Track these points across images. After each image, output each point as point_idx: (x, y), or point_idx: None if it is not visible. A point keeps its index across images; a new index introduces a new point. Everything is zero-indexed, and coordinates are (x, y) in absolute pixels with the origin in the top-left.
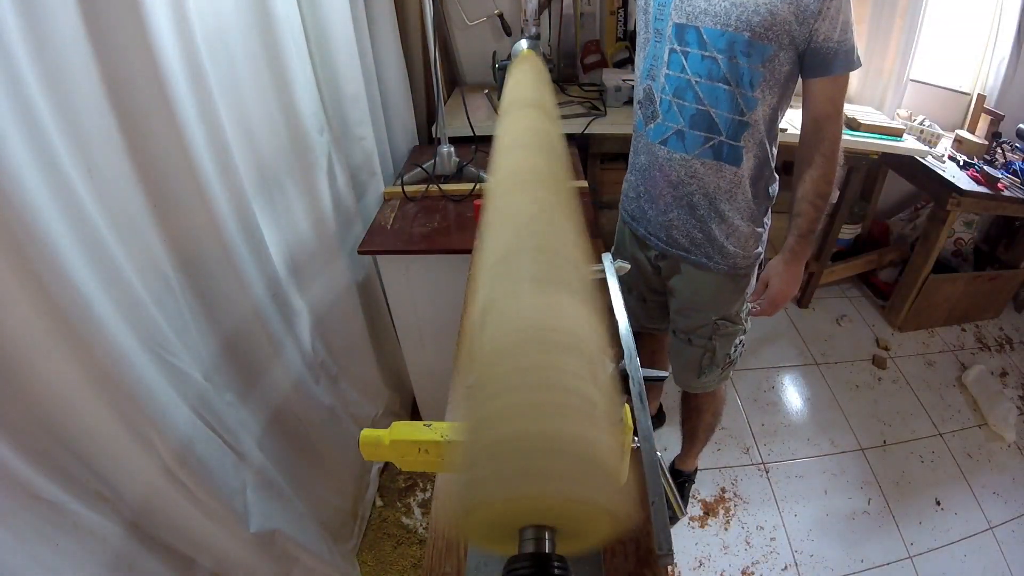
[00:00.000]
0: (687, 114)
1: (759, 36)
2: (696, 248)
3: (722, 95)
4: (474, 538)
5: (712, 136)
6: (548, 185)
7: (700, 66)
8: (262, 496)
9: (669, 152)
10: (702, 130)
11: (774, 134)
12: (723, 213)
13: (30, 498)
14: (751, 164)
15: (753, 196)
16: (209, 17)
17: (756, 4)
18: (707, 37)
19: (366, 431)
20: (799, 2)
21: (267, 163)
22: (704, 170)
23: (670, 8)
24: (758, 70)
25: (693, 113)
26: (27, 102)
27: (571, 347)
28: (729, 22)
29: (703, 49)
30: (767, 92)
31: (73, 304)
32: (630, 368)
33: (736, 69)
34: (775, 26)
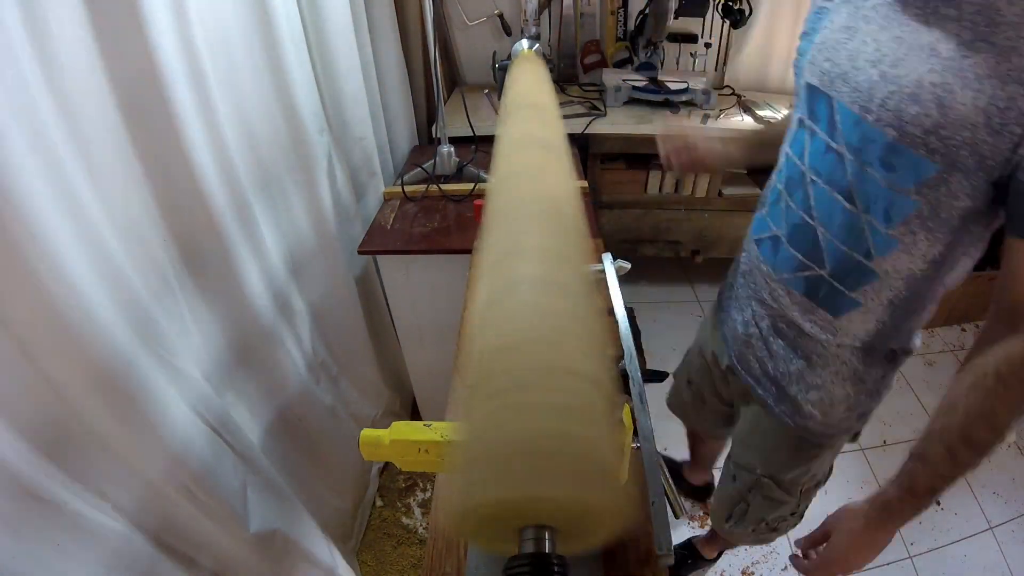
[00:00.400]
0: (790, 220)
1: (912, 141)
2: (764, 383)
3: (838, 214)
4: (474, 538)
5: (810, 265)
6: (550, 185)
7: (821, 159)
8: (262, 496)
9: (759, 257)
10: (800, 250)
11: (932, 297)
12: (806, 365)
13: (30, 497)
14: (867, 327)
15: (864, 362)
16: (209, 17)
17: (918, 83)
18: (839, 117)
19: (366, 431)
20: (998, 94)
21: (267, 163)
22: (790, 303)
23: (806, 58)
24: (906, 196)
25: (797, 221)
26: (29, 102)
27: (571, 348)
28: (870, 104)
29: (831, 134)
30: (921, 236)
31: (72, 303)
32: (630, 368)
33: (866, 183)
34: (946, 128)
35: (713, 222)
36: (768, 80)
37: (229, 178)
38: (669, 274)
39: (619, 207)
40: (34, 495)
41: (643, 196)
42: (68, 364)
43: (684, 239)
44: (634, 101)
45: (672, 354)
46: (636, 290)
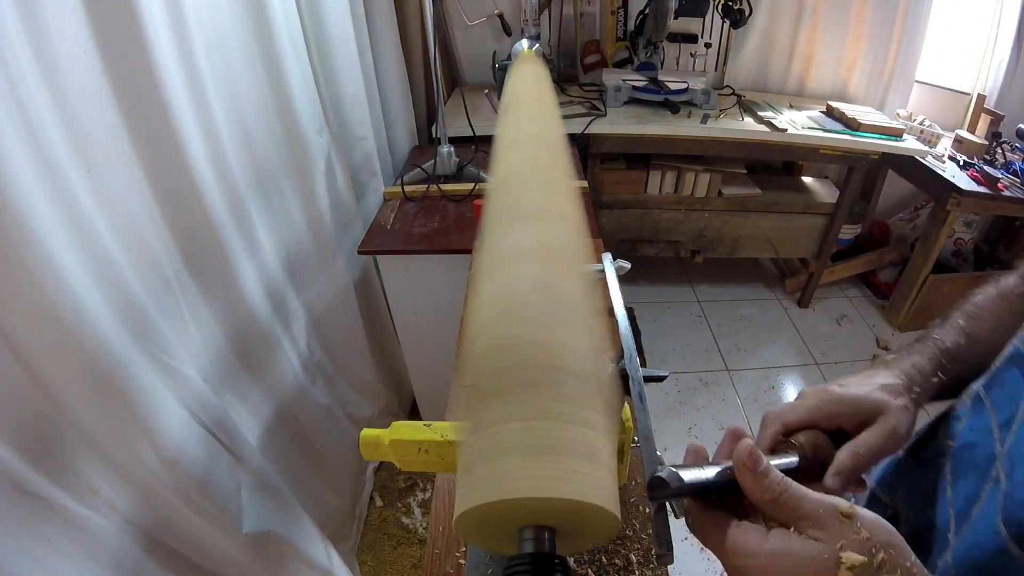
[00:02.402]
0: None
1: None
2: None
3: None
4: (474, 538)
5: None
6: (550, 184)
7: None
8: (258, 497)
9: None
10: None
11: None
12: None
13: (19, 492)
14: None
15: None
16: (206, 17)
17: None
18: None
19: (366, 431)
20: None
21: (264, 163)
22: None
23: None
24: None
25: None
26: (26, 102)
27: (571, 347)
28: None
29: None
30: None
31: (66, 303)
32: (630, 368)
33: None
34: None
35: (713, 222)
36: (768, 80)
37: (225, 178)
38: (669, 274)
39: (619, 207)
40: (24, 491)
41: (643, 196)
42: (60, 363)
43: (684, 239)
44: (634, 101)
45: (672, 354)
46: (636, 290)
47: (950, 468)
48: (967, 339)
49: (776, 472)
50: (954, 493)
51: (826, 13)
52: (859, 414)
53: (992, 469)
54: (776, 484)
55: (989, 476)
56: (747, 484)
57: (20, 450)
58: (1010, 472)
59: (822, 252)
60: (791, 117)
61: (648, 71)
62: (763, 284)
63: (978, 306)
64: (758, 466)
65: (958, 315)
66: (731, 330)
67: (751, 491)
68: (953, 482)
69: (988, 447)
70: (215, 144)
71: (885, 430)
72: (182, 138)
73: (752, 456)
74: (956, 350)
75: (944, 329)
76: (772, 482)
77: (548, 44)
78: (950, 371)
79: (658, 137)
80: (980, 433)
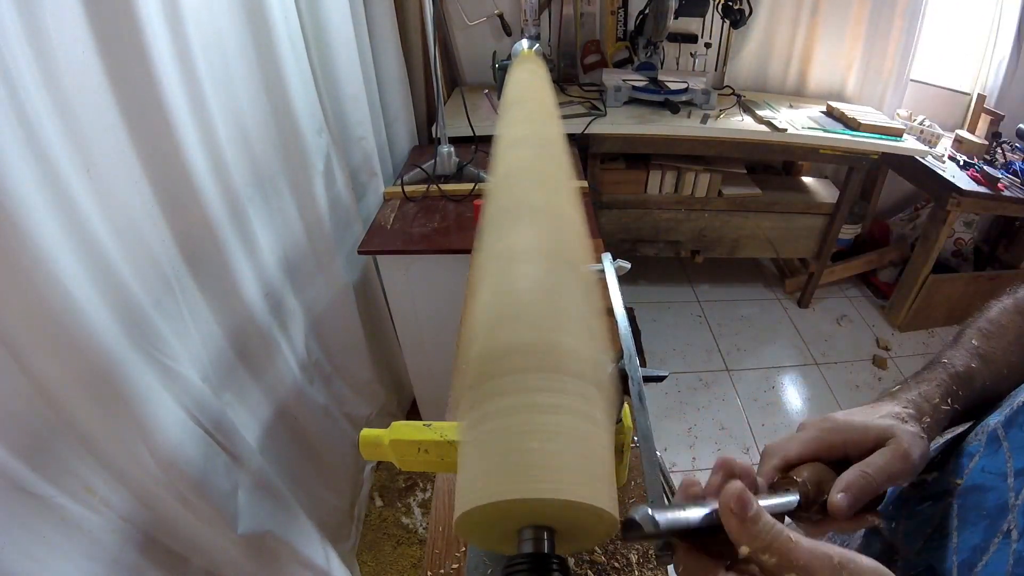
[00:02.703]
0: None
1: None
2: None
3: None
4: (474, 538)
5: None
6: (550, 184)
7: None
8: (255, 498)
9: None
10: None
11: None
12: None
13: (15, 490)
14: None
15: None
16: (204, 17)
17: None
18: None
19: (366, 431)
20: None
21: (262, 164)
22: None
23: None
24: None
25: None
26: (24, 102)
27: (571, 347)
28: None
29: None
30: None
31: (62, 303)
32: (630, 368)
33: None
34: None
35: (713, 222)
36: (768, 80)
37: (223, 178)
38: (669, 274)
39: (619, 207)
40: (21, 489)
41: (643, 196)
42: (57, 363)
43: (684, 239)
44: (634, 101)
45: (672, 354)
46: (636, 290)
47: (956, 511)
48: (980, 360)
49: (767, 517)
50: (960, 540)
51: (826, 13)
52: (865, 441)
53: (1004, 521)
54: (765, 532)
55: (1000, 528)
56: (734, 530)
57: (16, 448)
58: (1023, 531)
59: (822, 252)
60: (791, 117)
61: (648, 71)
62: (763, 284)
63: (992, 322)
64: (747, 511)
65: (970, 334)
66: (731, 330)
67: (738, 538)
68: (959, 528)
69: (1001, 494)
70: (213, 144)
71: (896, 452)
72: (180, 138)
73: (740, 501)
74: (968, 373)
75: (955, 350)
76: (761, 529)
77: (548, 44)
78: (962, 397)
79: (658, 137)
80: (993, 477)
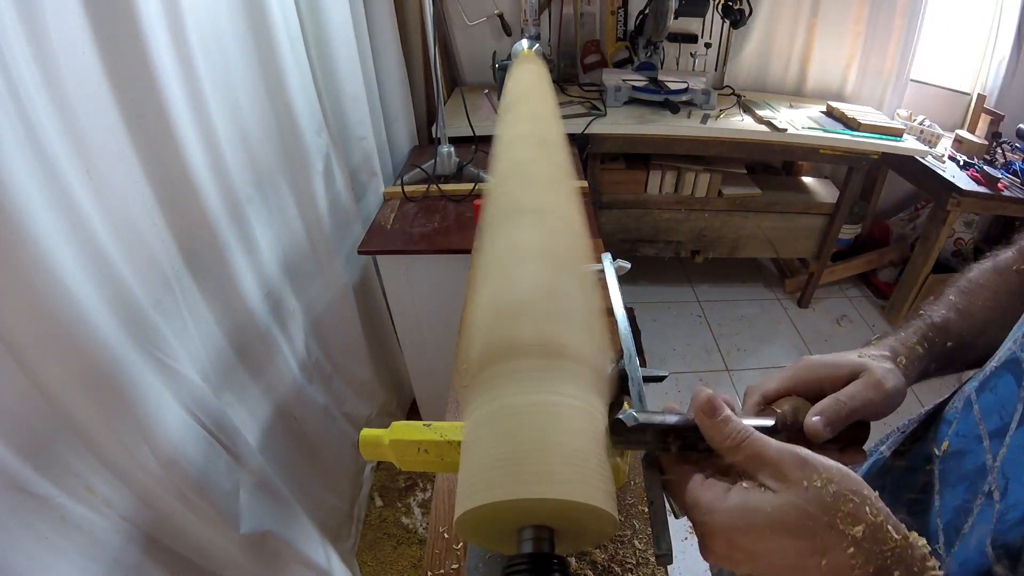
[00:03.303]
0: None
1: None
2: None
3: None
4: (474, 538)
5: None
6: (550, 184)
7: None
8: (256, 497)
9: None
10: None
11: None
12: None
13: (15, 490)
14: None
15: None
16: (203, 18)
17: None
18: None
19: (366, 431)
20: None
21: (261, 164)
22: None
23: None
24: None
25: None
26: (24, 101)
27: (571, 347)
28: None
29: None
30: None
31: (63, 303)
32: (630, 368)
33: None
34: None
35: (713, 222)
36: (768, 80)
37: (222, 178)
38: (669, 274)
39: (619, 207)
40: (21, 489)
41: (643, 196)
42: (57, 363)
43: (684, 239)
44: (634, 101)
45: (672, 354)
46: (636, 290)
47: (937, 475)
48: (958, 313)
49: (737, 420)
50: (942, 503)
51: (826, 13)
52: (839, 375)
53: (984, 483)
54: (737, 432)
55: (981, 489)
56: (707, 431)
57: (17, 448)
58: (1004, 490)
59: (822, 252)
60: (791, 117)
61: (648, 71)
62: (763, 284)
63: (972, 281)
64: (717, 413)
65: (950, 290)
66: (731, 330)
67: (711, 438)
68: (941, 491)
69: (978, 456)
70: (212, 144)
71: (868, 382)
72: (180, 138)
73: (710, 403)
74: (944, 323)
75: (934, 306)
76: (732, 429)
77: (548, 44)
78: (938, 344)
79: (658, 137)
80: (968, 440)
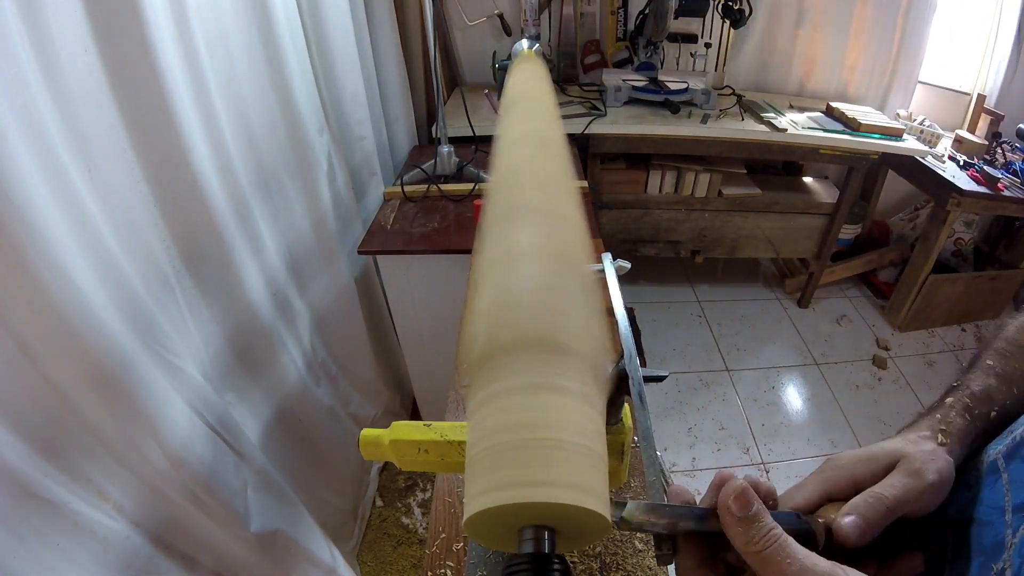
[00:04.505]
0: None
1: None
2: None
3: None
4: (481, 539)
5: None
6: (550, 184)
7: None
8: (263, 496)
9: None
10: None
11: None
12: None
13: (29, 497)
14: None
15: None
16: (209, 16)
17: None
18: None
19: (366, 431)
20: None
21: (266, 163)
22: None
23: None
24: None
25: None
26: (28, 101)
27: (572, 346)
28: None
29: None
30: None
31: (72, 302)
32: (630, 368)
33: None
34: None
35: (713, 222)
36: (768, 80)
37: (228, 177)
38: (669, 274)
39: (619, 207)
40: (33, 494)
41: (643, 196)
42: (67, 363)
43: (684, 239)
44: (634, 101)
45: (672, 354)
46: (636, 290)
47: (952, 545)
48: (998, 379)
49: (768, 520)
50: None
51: (827, 13)
52: (875, 468)
53: (999, 560)
54: (764, 535)
55: (993, 568)
56: (730, 529)
57: (31, 455)
58: (1017, 571)
59: (822, 252)
60: (791, 117)
61: (648, 71)
62: (763, 284)
63: (1010, 342)
64: (747, 509)
65: (987, 355)
66: (731, 330)
67: (734, 537)
68: (953, 563)
69: (998, 530)
70: (219, 144)
71: (907, 471)
72: (186, 138)
73: (741, 498)
74: (986, 392)
75: (971, 374)
76: (760, 532)
77: (548, 44)
78: (981, 415)
79: (658, 137)
80: (991, 511)
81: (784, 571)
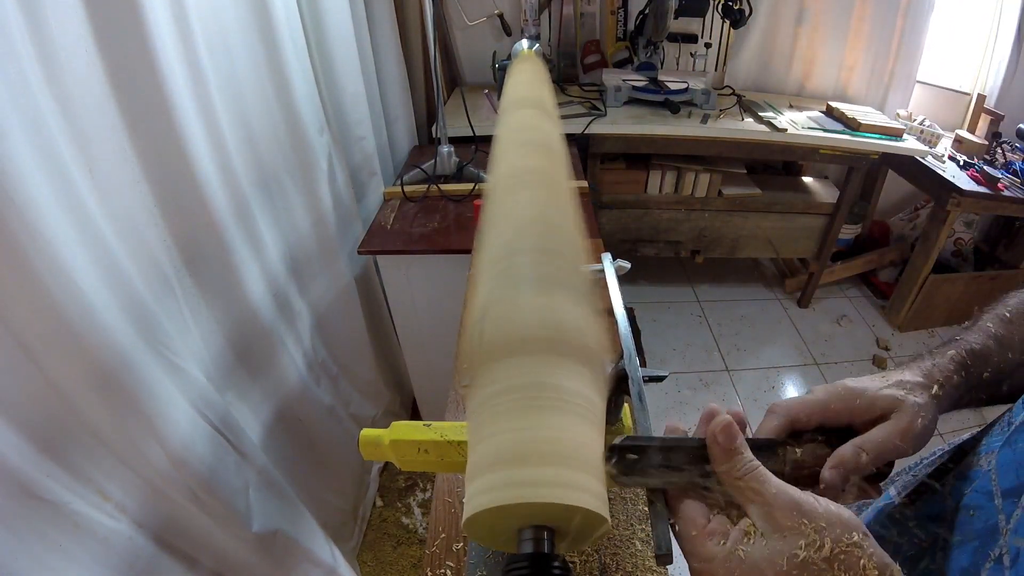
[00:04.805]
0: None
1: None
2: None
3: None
4: (481, 539)
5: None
6: (549, 184)
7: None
8: (264, 496)
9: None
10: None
11: None
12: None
13: (30, 497)
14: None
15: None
16: (209, 16)
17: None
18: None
19: (365, 431)
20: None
21: (266, 163)
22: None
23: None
24: None
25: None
26: (29, 102)
27: (570, 348)
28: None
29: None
30: None
31: (73, 301)
32: (630, 368)
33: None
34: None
35: (713, 222)
36: (768, 80)
37: (229, 177)
38: (669, 274)
39: (619, 207)
40: (34, 494)
41: (643, 196)
42: (68, 362)
43: (684, 239)
44: (634, 101)
45: (672, 354)
46: (636, 290)
47: (948, 529)
48: (996, 342)
49: (748, 453)
50: (950, 562)
51: (826, 13)
52: (871, 411)
53: (995, 546)
54: (743, 465)
55: (990, 553)
56: (717, 456)
57: (30, 454)
58: (1015, 557)
59: (822, 252)
60: (791, 117)
61: (648, 71)
62: (763, 284)
63: (1012, 309)
64: (732, 441)
65: (988, 318)
66: (731, 330)
67: (718, 460)
68: (950, 549)
69: (990, 515)
70: (219, 144)
71: (897, 427)
72: (186, 138)
73: (729, 429)
74: (984, 351)
75: (972, 331)
76: (740, 462)
77: (548, 44)
78: (975, 373)
79: (658, 137)
80: (979, 496)
81: (759, 491)
